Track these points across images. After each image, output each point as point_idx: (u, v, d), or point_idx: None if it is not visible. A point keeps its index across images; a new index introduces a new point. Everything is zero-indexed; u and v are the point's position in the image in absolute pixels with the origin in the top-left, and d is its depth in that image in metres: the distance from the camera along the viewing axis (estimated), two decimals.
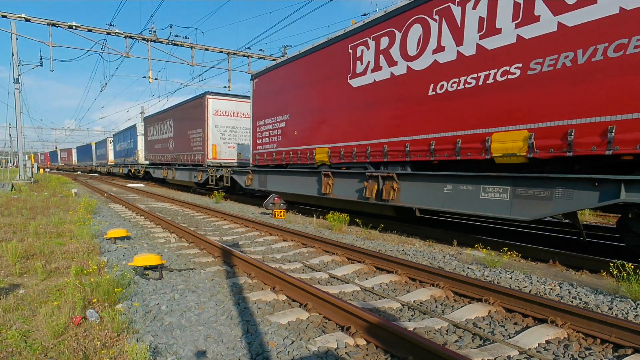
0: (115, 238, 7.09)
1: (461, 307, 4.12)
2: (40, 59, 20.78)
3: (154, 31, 20.03)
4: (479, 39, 6.54)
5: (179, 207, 13.66)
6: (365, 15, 13.61)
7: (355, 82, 9.14)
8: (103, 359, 2.76)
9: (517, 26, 6.05)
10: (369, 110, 8.85)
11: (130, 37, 19.81)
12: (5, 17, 18.27)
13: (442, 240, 7.75)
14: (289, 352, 3.04)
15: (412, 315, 3.95)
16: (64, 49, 21.38)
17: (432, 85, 7.33)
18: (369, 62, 8.72)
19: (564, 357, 3.09)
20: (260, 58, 23.44)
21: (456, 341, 3.35)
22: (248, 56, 23.28)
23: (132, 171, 31.96)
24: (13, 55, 20.92)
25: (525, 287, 4.73)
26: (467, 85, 6.77)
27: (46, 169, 67.31)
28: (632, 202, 5.08)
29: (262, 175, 13.50)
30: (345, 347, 3.16)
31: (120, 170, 36.09)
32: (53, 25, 18.47)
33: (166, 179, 23.78)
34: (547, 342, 3.32)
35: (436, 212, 8.96)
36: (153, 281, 4.73)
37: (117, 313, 3.39)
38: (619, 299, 4.26)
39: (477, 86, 6.60)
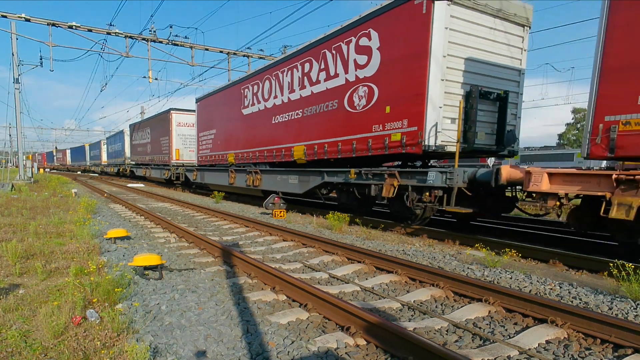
0: (115, 238, 7.08)
1: (461, 307, 4.12)
2: (40, 59, 20.80)
3: (154, 31, 20.03)
4: (288, 94, 11.88)
5: (179, 207, 13.66)
6: None
7: (244, 111, 14.75)
8: (103, 359, 2.76)
9: (300, 89, 11.31)
10: (250, 130, 14.40)
11: (130, 37, 19.82)
12: (5, 17, 18.28)
13: (442, 240, 7.75)
14: (289, 352, 3.04)
15: (412, 315, 3.95)
16: (64, 49, 21.42)
17: (273, 117, 12.78)
18: (249, 99, 14.29)
19: (564, 357, 3.09)
20: (260, 58, 23.44)
21: (456, 341, 3.35)
22: (248, 56, 23.28)
23: (121, 170, 37.22)
24: (13, 55, 20.91)
25: (525, 287, 4.73)
26: (284, 119, 12.14)
27: (46, 169, 68.20)
28: (330, 182, 10.43)
29: (202, 172, 19.10)
30: (345, 347, 3.16)
31: (112, 170, 41.39)
32: (53, 25, 18.47)
33: (145, 176, 29.52)
34: (547, 342, 3.32)
35: (284, 193, 13.30)
36: (153, 281, 4.73)
37: (117, 313, 3.39)
38: (619, 299, 4.26)
39: (289, 120, 11.92)
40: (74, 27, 18.72)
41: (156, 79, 22.76)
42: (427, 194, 7.79)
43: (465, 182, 7.39)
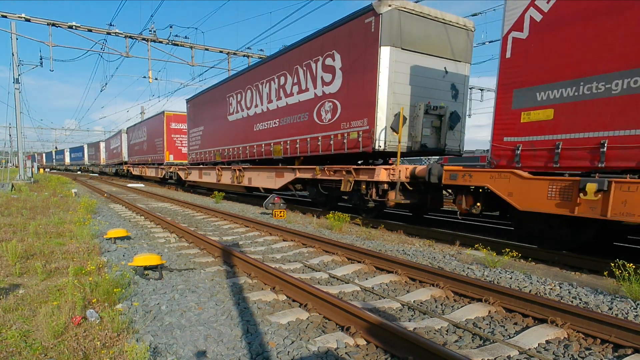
0: (115, 238, 7.08)
1: (461, 307, 4.12)
2: (40, 59, 20.78)
3: (154, 31, 20.01)
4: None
5: (179, 207, 13.66)
6: None
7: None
8: (103, 359, 2.76)
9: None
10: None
11: (130, 37, 19.80)
12: (5, 17, 18.26)
13: (442, 240, 7.75)
14: (289, 352, 3.04)
15: (412, 315, 3.95)
16: (64, 49, 21.45)
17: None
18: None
19: (564, 357, 3.09)
20: (260, 58, 23.41)
21: (456, 341, 3.35)
22: (248, 56, 23.27)
23: (81, 169, 60.71)
24: (13, 55, 20.91)
25: (525, 287, 4.73)
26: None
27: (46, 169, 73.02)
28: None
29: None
30: (345, 347, 3.16)
31: (75, 168, 66.19)
32: (53, 25, 18.46)
33: (92, 171, 54.20)
34: (547, 342, 3.32)
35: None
36: (153, 281, 4.73)
37: (117, 313, 3.39)
38: (619, 299, 4.26)
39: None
40: (74, 27, 18.70)
41: (156, 79, 22.78)
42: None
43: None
